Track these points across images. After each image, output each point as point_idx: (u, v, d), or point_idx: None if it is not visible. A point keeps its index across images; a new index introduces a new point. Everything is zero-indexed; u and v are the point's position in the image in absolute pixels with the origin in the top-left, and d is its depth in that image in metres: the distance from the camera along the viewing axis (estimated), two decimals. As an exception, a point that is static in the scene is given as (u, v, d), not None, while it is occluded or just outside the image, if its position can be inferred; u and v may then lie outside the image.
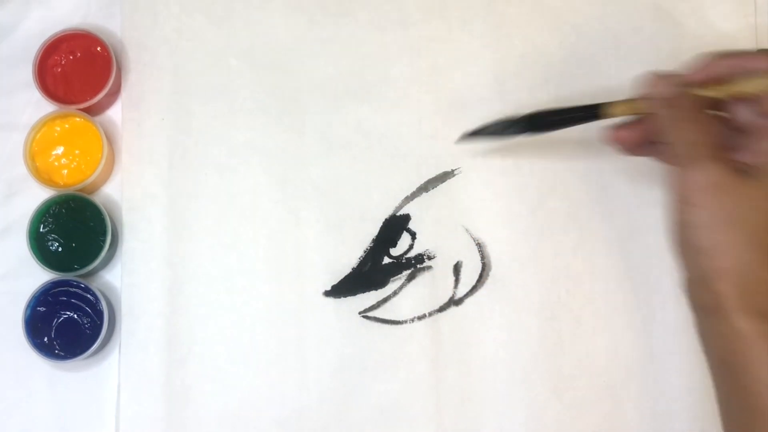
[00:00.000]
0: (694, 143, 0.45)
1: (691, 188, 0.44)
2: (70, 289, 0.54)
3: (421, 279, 0.56)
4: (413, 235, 0.56)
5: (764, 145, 0.45)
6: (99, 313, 0.53)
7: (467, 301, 0.56)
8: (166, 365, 0.55)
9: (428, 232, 0.56)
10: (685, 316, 0.55)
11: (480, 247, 0.56)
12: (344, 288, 0.56)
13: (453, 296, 0.56)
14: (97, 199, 0.55)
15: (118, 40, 0.58)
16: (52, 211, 0.54)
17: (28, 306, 0.53)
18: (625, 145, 0.50)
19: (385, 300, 0.56)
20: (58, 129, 0.56)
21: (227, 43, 0.58)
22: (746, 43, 0.57)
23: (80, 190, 0.55)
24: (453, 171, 0.57)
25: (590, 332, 0.55)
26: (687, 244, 0.45)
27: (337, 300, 0.56)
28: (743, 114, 0.47)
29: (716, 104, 0.47)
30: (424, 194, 0.57)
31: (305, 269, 0.56)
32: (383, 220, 0.56)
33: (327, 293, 0.56)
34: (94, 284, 0.54)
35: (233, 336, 0.55)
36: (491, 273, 0.56)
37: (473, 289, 0.56)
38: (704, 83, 0.46)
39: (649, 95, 0.47)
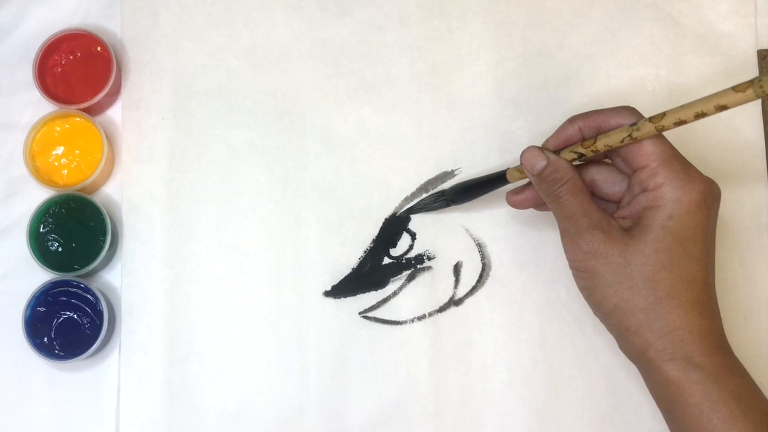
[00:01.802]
0: (573, 215, 0.46)
1: (578, 259, 0.46)
2: (70, 290, 0.53)
3: (421, 279, 0.56)
4: (413, 236, 0.56)
5: (635, 197, 0.46)
6: (99, 313, 0.53)
7: (467, 301, 0.56)
8: (166, 365, 0.55)
9: (428, 232, 0.56)
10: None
11: (480, 247, 0.56)
12: (344, 288, 0.56)
13: (453, 296, 0.56)
14: (97, 199, 0.55)
15: (118, 40, 0.58)
16: (52, 211, 0.54)
17: (28, 306, 0.53)
18: (520, 207, 0.51)
19: (385, 300, 0.56)
20: (58, 129, 0.55)
21: (227, 43, 0.58)
22: (746, 43, 0.57)
23: (80, 190, 0.55)
24: (453, 171, 0.57)
25: (590, 332, 0.55)
26: (595, 307, 0.47)
27: (337, 300, 0.56)
28: (619, 163, 0.48)
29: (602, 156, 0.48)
30: (424, 194, 0.57)
31: (305, 269, 0.56)
32: (383, 220, 0.56)
33: (327, 293, 0.56)
34: (94, 284, 0.54)
35: (233, 336, 0.55)
36: (491, 273, 0.56)
37: (473, 290, 0.56)
38: (570, 144, 0.48)
39: (525, 170, 0.48)
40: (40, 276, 0.54)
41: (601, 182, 0.49)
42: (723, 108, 0.41)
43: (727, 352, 0.45)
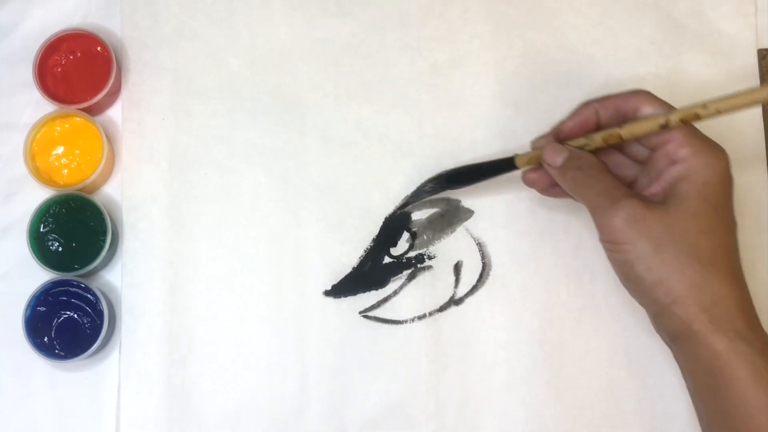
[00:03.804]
0: (602, 192, 0.46)
1: (615, 229, 0.45)
2: (71, 289, 0.53)
3: (422, 279, 0.56)
4: (413, 235, 0.56)
5: (662, 172, 0.46)
6: (99, 313, 0.53)
7: (467, 300, 0.56)
8: (166, 365, 0.55)
9: (428, 231, 0.56)
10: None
11: (480, 246, 0.56)
12: (344, 288, 0.56)
13: (453, 296, 0.56)
14: (97, 198, 0.55)
15: (118, 40, 0.58)
16: (52, 211, 0.54)
17: (28, 306, 0.53)
18: (537, 187, 0.51)
19: (385, 300, 0.56)
20: (58, 129, 0.56)
21: (227, 43, 0.58)
22: (746, 43, 0.57)
23: (80, 189, 0.55)
24: (453, 171, 0.57)
25: (590, 332, 0.55)
26: (635, 283, 0.46)
27: (337, 300, 0.56)
28: (633, 147, 0.49)
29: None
30: (425, 194, 0.57)
31: (305, 269, 0.56)
32: (383, 219, 0.56)
33: (327, 293, 0.56)
34: (95, 284, 0.54)
35: (233, 336, 0.55)
36: (492, 273, 0.56)
37: (473, 289, 0.56)
38: (587, 129, 0.49)
39: (546, 166, 0.49)
40: (41, 276, 0.54)
41: (614, 167, 0.49)
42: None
43: (761, 326, 0.45)
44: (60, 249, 0.54)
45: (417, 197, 0.56)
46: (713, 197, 0.45)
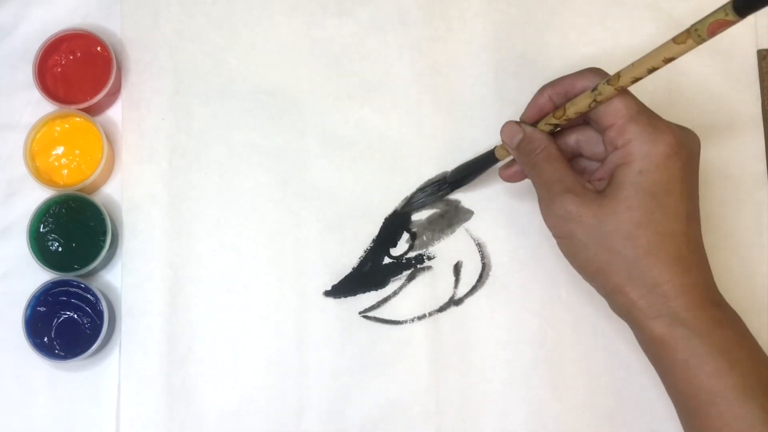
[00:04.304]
0: (547, 182, 0.47)
1: (552, 224, 0.47)
2: (70, 289, 0.53)
3: (421, 279, 0.56)
4: (413, 235, 0.56)
5: (607, 158, 0.46)
6: (99, 313, 0.53)
7: (467, 301, 0.56)
8: (166, 365, 0.55)
9: (428, 232, 0.56)
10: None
11: (480, 247, 0.56)
12: (344, 288, 0.56)
13: (453, 296, 0.56)
14: (97, 199, 0.55)
15: (118, 40, 0.58)
16: (52, 211, 0.54)
17: (28, 306, 0.53)
18: (512, 180, 0.52)
19: (385, 300, 0.56)
20: (58, 129, 0.56)
21: (227, 43, 0.58)
22: (746, 42, 0.57)
23: (80, 190, 0.55)
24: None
25: (590, 332, 0.55)
26: (580, 271, 0.47)
27: (337, 300, 0.56)
28: (588, 141, 0.49)
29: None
30: (422, 193, 0.57)
31: (305, 269, 0.56)
32: (383, 219, 0.56)
33: (327, 293, 0.56)
34: (94, 284, 0.54)
35: (233, 336, 0.55)
36: (491, 273, 0.56)
37: (473, 289, 0.56)
38: (544, 115, 0.48)
39: (504, 144, 0.49)
40: (41, 276, 0.54)
41: (585, 143, 0.49)
42: (670, 60, 0.42)
43: (715, 305, 0.44)
44: (60, 249, 0.54)
45: (418, 204, 0.56)
46: (650, 185, 0.44)
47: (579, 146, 0.49)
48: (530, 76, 0.58)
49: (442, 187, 0.56)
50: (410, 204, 0.56)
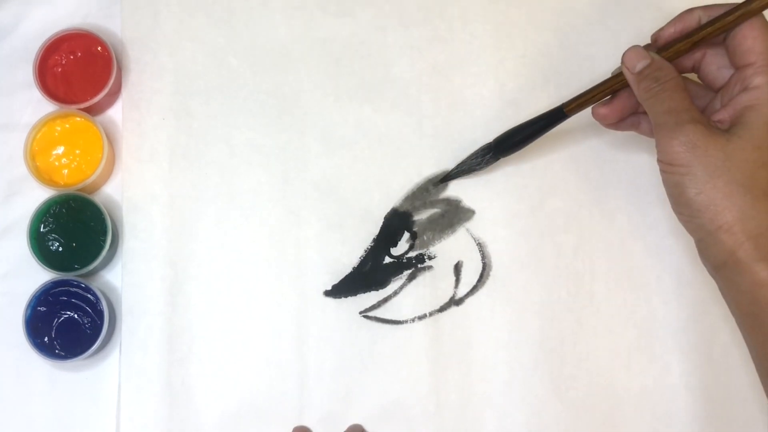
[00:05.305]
0: (670, 111, 0.46)
1: (673, 152, 0.45)
2: (71, 289, 0.53)
3: (422, 279, 0.56)
4: (414, 235, 0.56)
5: (733, 98, 0.46)
6: (99, 313, 0.53)
7: (468, 301, 0.56)
8: (166, 365, 0.55)
9: (429, 231, 0.56)
10: (685, 316, 0.55)
11: (481, 246, 0.56)
12: (345, 288, 0.56)
13: (453, 296, 0.56)
14: (98, 199, 0.55)
15: (118, 40, 0.58)
16: (52, 211, 0.54)
17: (28, 306, 0.53)
18: (606, 121, 0.51)
19: (385, 300, 0.56)
20: (59, 129, 0.56)
21: (227, 43, 0.58)
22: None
23: (81, 189, 0.55)
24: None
25: (590, 332, 0.55)
26: (684, 206, 0.46)
27: (338, 300, 0.56)
28: (711, 72, 0.48)
29: (691, 66, 0.49)
30: (425, 193, 0.57)
31: (305, 269, 0.56)
32: (384, 219, 0.56)
33: (327, 293, 0.56)
34: (95, 284, 0.54)
35: (233, 336, 0.55)
36: (492, 273, 0.56)
37: (474, 289, 0.56)
38: (680, 35, 0.47)
39: (624, 69, 0.48)
40: (41, 276, 0.54)
41: (708, 64, 0.48)
42: None
43: None
44: (60, 249, 0.54)
45: (466, 170, 0.56)
46: None
47: (701, 64, 0.49)
48: (530, 76, 0.58)
49: (485, 156, 0.54)
50: (459, 168, 0.56)
